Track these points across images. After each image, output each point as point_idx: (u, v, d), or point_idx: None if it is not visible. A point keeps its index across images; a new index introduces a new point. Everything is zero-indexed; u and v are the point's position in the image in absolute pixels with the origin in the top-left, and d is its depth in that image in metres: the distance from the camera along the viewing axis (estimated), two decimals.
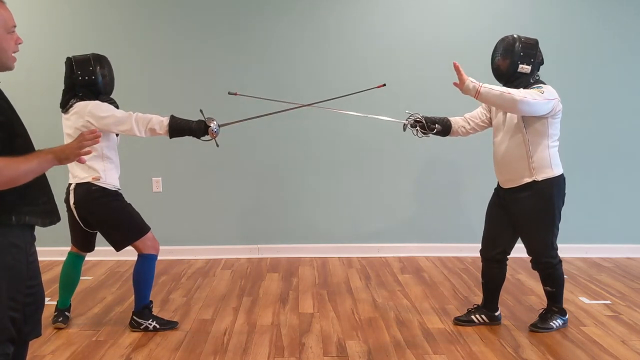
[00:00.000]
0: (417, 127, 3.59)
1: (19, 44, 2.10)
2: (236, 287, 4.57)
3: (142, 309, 3.61)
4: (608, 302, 4.18)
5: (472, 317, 3.72)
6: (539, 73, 3.45)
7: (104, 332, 3.61)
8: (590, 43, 5.39)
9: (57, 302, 3.71)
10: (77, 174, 3.46)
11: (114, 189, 3.52)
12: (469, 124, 3.66)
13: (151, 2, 5.34)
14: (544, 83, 3.41)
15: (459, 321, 3.73)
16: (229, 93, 3.76)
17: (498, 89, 3.22)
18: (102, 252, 5.34)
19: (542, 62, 3.46)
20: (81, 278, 4.72)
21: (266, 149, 5.44)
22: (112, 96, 3.61)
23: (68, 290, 3.73)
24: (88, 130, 2.10)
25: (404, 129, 3.65)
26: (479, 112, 3.67)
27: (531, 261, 3.58)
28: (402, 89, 5.33)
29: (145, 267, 3.59)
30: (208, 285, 4.60)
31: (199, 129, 3.44)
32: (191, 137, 3.47)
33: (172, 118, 3.44)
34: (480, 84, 3.21)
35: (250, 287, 4.55)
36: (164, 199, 5.39)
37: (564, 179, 3.48)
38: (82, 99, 3.42)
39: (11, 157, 1.94)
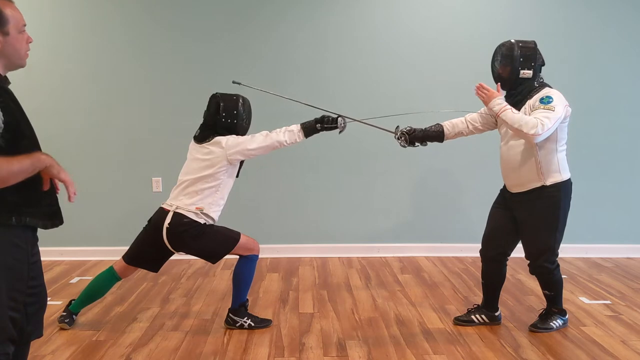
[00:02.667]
0: (401, 139, 3.65)
1: (30, 42, 2.13)
2: None
3: (239, 306, 3.64)
4: (608, 302, 4.18)
5: (472, 317, 3.72)
6: (542, 75, 3.44)
7: (104, 332, 3.61)
8: (591, 43, 5.39)
9: (72, 303, 3.70)
10: (182, 199, 3.49)
11: (204, 223, 3.50)
12: (468, 127, 3.64)
13: (151, 3, 5.34)
14: (549, 86, 3.39)
15: (459, 321, 3.73)
16: (233, 82, 3.75)
17: (517, 120, 3.19)
18: (102, 252, 5.38)
19: (543, 64, 3.44)
20: (81, 278, 4.79)
21: None
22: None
23: (88, 300, 3.71)
24: (72, 185, 2.10)
25: (395, 138, 3.71)
26: (480, 116, 3.63)
27: (529, 265, 3.56)
28: (402, 89, 5.34)
29: (246, 268, 3.62)
30: (208, 285, 4.60)
31: (329, 121, 3.55)
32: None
33: (302, 124, 3.56)
34: (502, 109, 3.22)
35: (251, 287, 4.53)
36: (164, 199, 5.35)
37: (571, 183, 3.46)
38: (221, 135, 3.50)
39: (4, 156, 1.94)
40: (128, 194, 5.42)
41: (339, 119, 3.55)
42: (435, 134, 3.65)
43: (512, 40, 3.41)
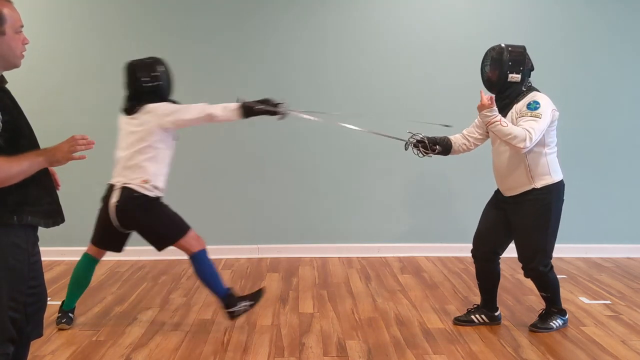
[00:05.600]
0: (419, 147, 3.56)
1: (26, 44, 2.13)
2: (236, 287, 4.54)
3: (227, 298, 3.59)
4: (608, 302, 4.18)
5: (472, 317, 3.72)
6: (530, 79, 3.45)
7: (104, 332, 3.61)
8: (590, 43, 5.39)
9: (63, 302, 3.69)
10: (126, 174, 3.45)
11: (155, 196, 3.49)
12: (468, 140, 3.65)
13: (150, 3, 5.34)
14: (537, 90, 3.41)
15: (458, 321, 3.73)
16: (238, 99, 3.73)
17: (506, 133, 3.17)
18: None
19: (532, 69, 3.45)
20: None
21: (266, 148, 5.44)
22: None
23: (76, 292, 3.70)
24: (80, 135, 2.09)
25: (406, 148, 3.60)
26: (474, 126, 3.64)
27: (522, 268, 3.56)
28: (405, 90, 5.32)
29: (202, 265, 3.58)
30: None
31: (271, 104, 3.49)
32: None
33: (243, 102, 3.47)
34: (492, 121, 3.19)
35: (250, 287, 4.54)
36: (164, 199, 5.36)
37: (564, 185, 3.46)
38: (150, 102, 3.45)
39: (4, 157, 1.94)
40: None
41: (282, 105, 3.48)
42: (443, 141, 3.61)
43: (502, 45, 3.42)
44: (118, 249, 3.69)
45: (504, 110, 3.34)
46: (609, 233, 5.51)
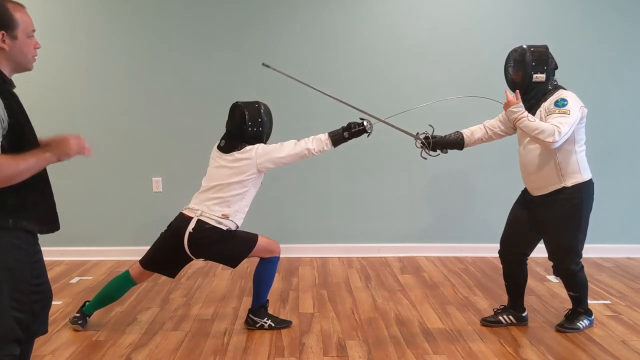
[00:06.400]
0: (424, 147, 3.55)
1: (37, 48, 2.18)
2: (236, 287, 4.57)
3: (259, 307, 3.64)
4: (608, 302, 4.18)
5: (500, 317, 3.70)
6: (556, 78, 3.43)
7: (104, 332, 3.61)
8: (591, 43, 5.39)
9: (86, 305, 3.67)
10: (209, 204, 3.45)
11: (227, 229, 3.47)
12: (487, 133, 3.61)
13: (152, 3, 5.33)
14: (563, 88, 3.39)
15: (486, 322, 3.70)
16: (263, 64, 3.67)
17: (534, 128, 3.16)
18: (102, 252, 5.39)
19: (556, 67, 3.43)
20: (81, 278, 4.78)
21: None
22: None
23: (103, 303, 3.70)
24: (76, 136, 2.12)
25: (416, 145, 3.61)
26: (499, 121, 3.61)
27: (553, 267, 3.56)
28: (410, 89, 5.31)
29: (266, 269, 3.62)
30: (208, 285, 4.60)
31: (356, 127, 3.48)
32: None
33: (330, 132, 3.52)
34: (519, 117, 3.19)
35: (250, 287, 4.51)
36: (164, 199, 5.38)
37: (593, 184, 3.46)
38: (249, 144, 3.49)
39: (10, 155, 1.95)
40: (128, 194, 5.42)
41: (366, 122, 3.47)
42: (455, 142, 3.61)
43: (524, 46, 3.41)
44: (173, 274, 3.66)
45: (531, 111, 3.32)
46: (609, 233, 5.50)
